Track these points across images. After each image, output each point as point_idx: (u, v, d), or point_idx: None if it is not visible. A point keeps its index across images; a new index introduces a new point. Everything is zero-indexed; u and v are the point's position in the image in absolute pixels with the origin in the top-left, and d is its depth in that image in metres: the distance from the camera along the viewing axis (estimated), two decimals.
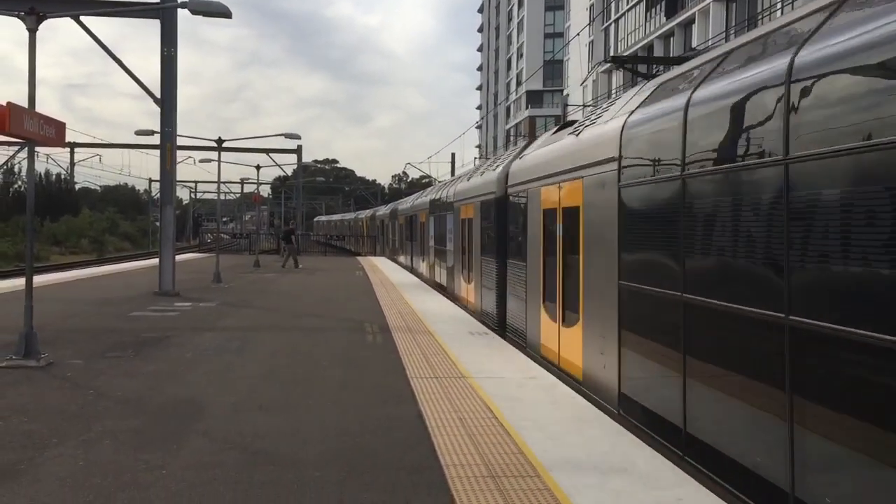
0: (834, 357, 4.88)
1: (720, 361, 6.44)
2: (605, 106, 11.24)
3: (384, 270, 33.43)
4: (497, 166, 17.22)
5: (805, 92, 5.29)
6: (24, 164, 58.43)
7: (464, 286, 20.48)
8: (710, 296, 6.49)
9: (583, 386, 9.92)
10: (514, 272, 14.63)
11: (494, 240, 16.20)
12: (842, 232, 4.82)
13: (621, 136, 8.83)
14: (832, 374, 4.90)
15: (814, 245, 5.09)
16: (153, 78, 21.88)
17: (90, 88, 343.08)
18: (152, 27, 21.69)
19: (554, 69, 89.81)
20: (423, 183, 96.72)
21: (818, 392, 5.03)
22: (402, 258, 41.01)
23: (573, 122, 14.13)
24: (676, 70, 8.60)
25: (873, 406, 4.53)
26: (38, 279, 23.93)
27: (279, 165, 58.34)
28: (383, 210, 58.77)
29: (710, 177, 6.61)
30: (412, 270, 34.65)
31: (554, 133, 13.67)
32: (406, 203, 41.77)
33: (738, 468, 5.98)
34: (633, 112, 8.80)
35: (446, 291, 23.42)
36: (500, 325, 15.73)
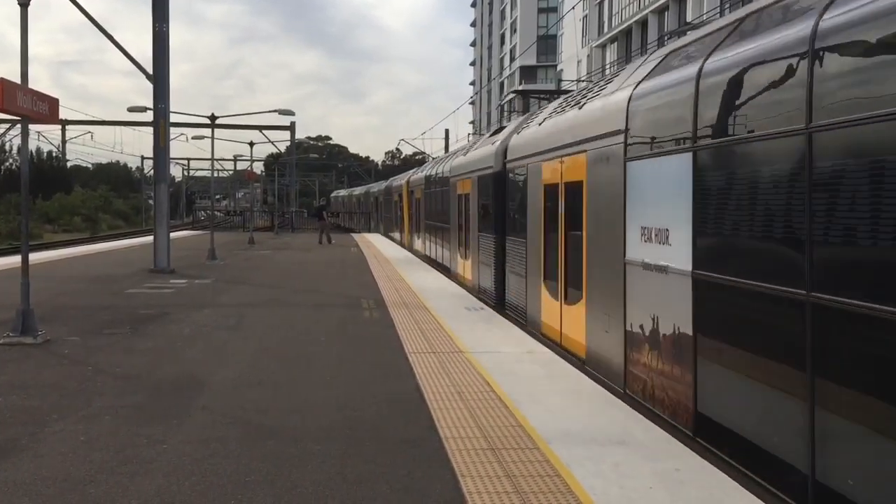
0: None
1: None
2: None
3: (379, 247, 33.44)
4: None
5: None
6: (16, 141, 58.17)
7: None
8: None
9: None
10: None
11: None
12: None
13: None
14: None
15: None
16: (147, 55, 21.73)
17: (84, 65, 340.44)
18: (145, 3, 21.54)
19: (548, 44, 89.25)
20: (417, 159, 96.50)
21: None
22: (396, 234, 41.03)
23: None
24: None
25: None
26: (33, 257, 23.82)
27: (272, 142, 58.17)
28: (377, 187, 58.63)
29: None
30: (407, 247, 34.68)
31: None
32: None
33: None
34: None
35: (442, 268, 23.47)
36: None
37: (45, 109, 11.16)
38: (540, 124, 13.27)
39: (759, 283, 5.80)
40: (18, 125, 11.35)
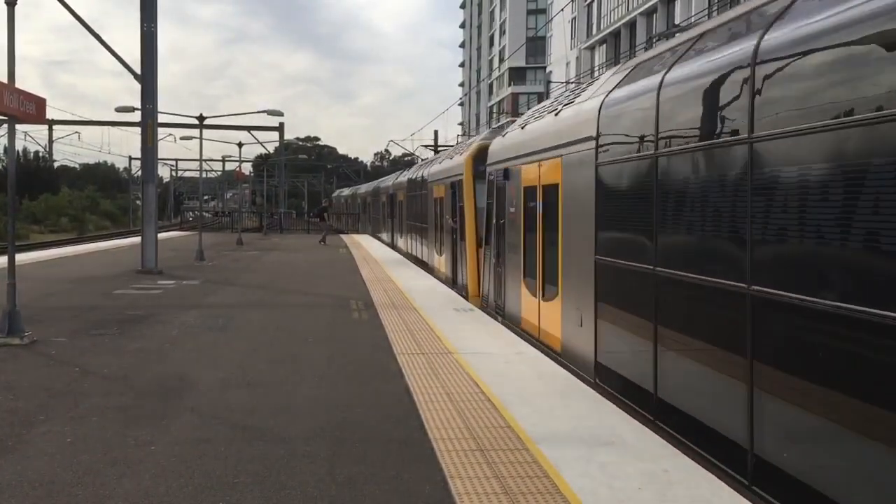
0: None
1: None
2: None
3: (367, 247, 33.40)
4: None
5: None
6: (2, 141, 57.78)
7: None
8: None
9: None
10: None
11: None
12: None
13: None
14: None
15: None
16: (136, 54, 21.63)
17: (73, 65, 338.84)
18: (135, 3, 21.41)
19: (537, 46, 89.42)
20: (406, 160, 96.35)
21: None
22: (384, 235, 41.10)
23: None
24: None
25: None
26: (19, 257, 23.65)
27: (261, 143, 57.97)
28: (365, 188, 58.59)
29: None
30: (394, 247, 34.71)
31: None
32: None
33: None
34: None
35: (427, 267, 24.59)
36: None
37: (33, 109, 11.09)
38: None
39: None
40: (5, 125, 11.27)
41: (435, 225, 23.94)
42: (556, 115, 11.22)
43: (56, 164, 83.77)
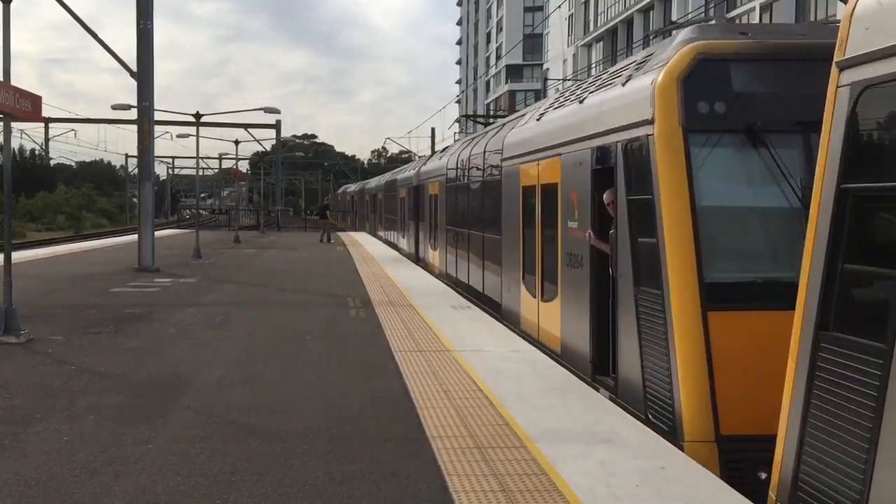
0: None
1: None
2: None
3: (364, 245, 33.38)
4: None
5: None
6: None
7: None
8: None
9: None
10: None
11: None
12: None
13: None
14: None
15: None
16: (134, 52, 21.55)
17: (70, 63, 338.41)
18: (131, 0, 21.31)
19: (534, 43, 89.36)
20: (403, 158, 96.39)
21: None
22: (381, 233, 41.09)
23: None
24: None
25: None
26: (16, 255, 23.64)
27: (258, 140, 57.97)
28: (362, 185, 58.49)
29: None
30: (391, 244, 34.69)
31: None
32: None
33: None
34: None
35: (420, 263, 24.47)
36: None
37: (28, 106, 11.07)
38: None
39: None
40: (0, 123, 11.23)
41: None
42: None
43: (52, 162, 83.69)
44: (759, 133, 6.97)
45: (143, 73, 21.31)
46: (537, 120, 11.84)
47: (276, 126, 58.96)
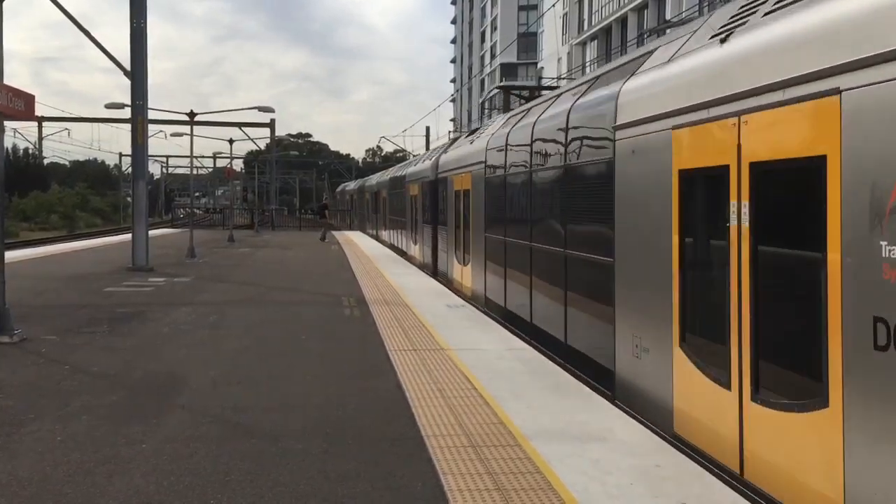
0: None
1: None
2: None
3: (359, 243, 33.36)
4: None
5: None
6: None
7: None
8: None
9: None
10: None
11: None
12: None
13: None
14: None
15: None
16: (128, 52, 21.49)
17: (64, 62, 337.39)
18: None
19: (528, 42, 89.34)
20: (398, 157, 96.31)
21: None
22: (385, 238, 40.99)
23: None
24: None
25: None
26: (9, 255, 23.56)
27: (252, 139, 57.83)
28: (352, 185, 58.33)
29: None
30: (399, 251, 34.66)
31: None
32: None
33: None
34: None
35: (406, 255, 26.67)
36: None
37: (21, 106, 11.02)
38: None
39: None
40: None
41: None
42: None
43: (46, 162, 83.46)
44: None
45: (137, 72, 21.25)
46: (721, 42, 6.36)
47: (271, 125, 58.76)
